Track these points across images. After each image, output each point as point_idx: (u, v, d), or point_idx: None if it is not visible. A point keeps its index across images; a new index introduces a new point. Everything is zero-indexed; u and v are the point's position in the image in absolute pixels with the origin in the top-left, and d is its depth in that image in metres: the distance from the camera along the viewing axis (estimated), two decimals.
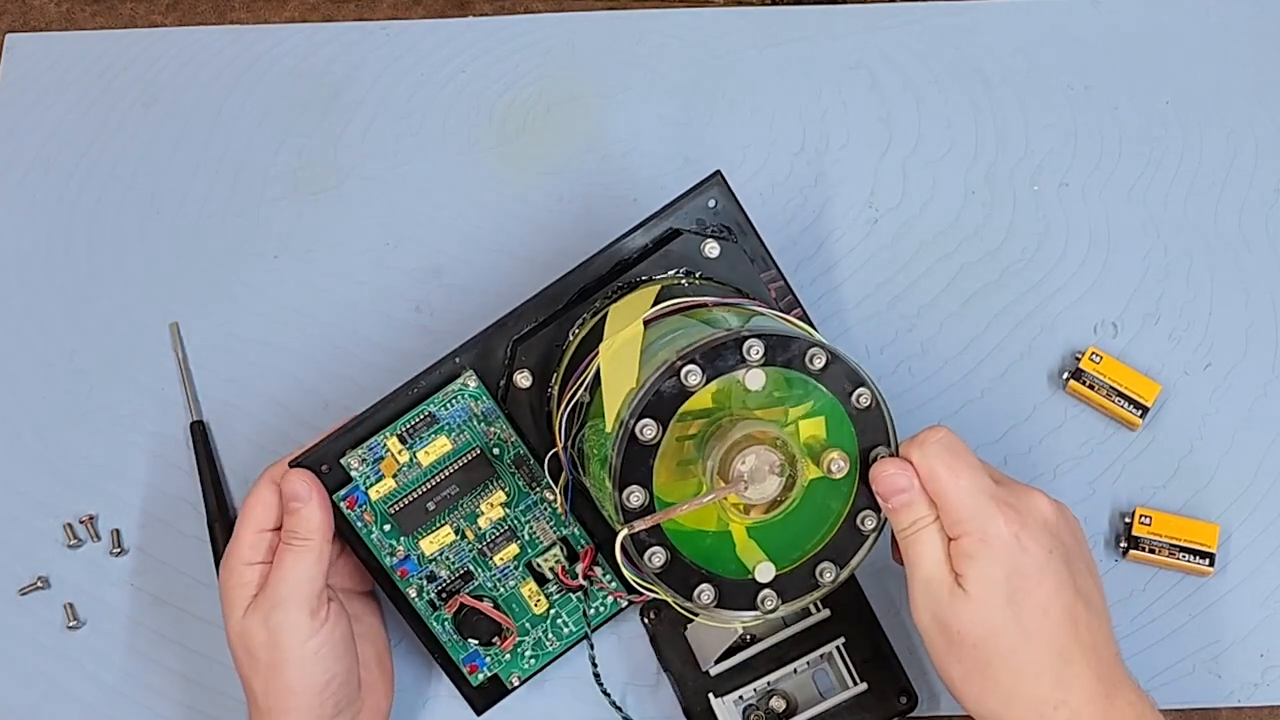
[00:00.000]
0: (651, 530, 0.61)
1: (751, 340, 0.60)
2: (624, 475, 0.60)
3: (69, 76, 0.87)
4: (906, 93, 0.86)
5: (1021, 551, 0.61)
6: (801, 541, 0.63)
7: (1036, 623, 0.61)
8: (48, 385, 0.81)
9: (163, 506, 0.78)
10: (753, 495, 0.61)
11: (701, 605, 0.61)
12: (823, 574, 0.63)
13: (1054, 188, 0.84)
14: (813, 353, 0.61)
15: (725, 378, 0.61)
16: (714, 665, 0.72)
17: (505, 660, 0.72)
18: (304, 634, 0.66)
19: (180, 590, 0.77)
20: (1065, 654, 0.62)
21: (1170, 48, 0.87)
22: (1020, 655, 0.61)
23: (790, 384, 0.62)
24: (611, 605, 0.73)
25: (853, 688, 0.72)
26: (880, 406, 0.63)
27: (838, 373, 0.62)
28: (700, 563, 0.62)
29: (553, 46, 0.87)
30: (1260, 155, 0.84)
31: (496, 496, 0.72)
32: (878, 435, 0.63)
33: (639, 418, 0.60)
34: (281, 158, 0.85)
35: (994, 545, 0.61)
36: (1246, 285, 0.81)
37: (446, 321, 0.81)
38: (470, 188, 0.84)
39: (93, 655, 0.76)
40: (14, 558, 0.77)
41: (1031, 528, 0.62)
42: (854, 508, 0.63)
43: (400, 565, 0.71)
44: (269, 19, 0.89)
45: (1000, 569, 0.61)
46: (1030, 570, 0.61)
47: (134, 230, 0.84)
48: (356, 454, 0.69)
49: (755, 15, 0.89)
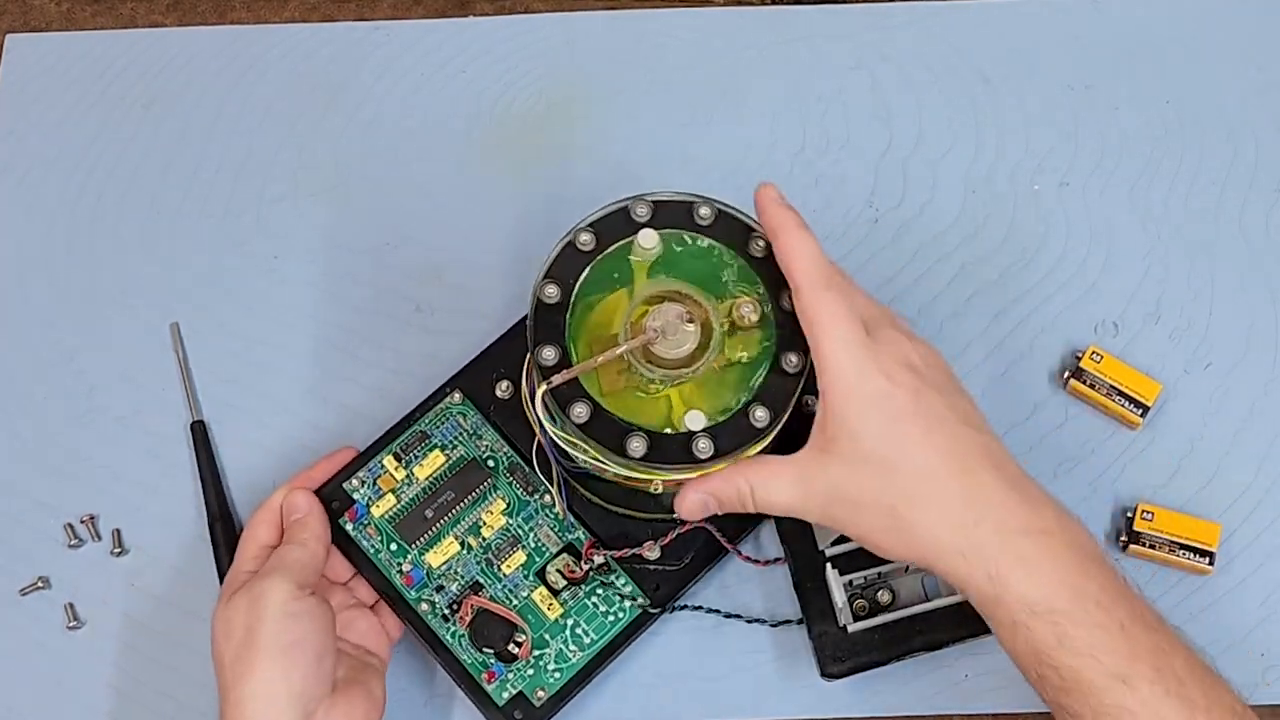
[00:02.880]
0: (578, 392, 0.64)
1: (638, 202, 0.66)
2: (536, 335, 0.64)
3: (69, 76, 0.87)
4: (906, 93, 0.86)
5: (887, 399, 0.62)
6: (734, 395, 0.65)
7: (924, 453, 0.62)
8: (48, 385, 0.81)
9: (163, 506, 0.78)
10: (669, 349, 0.64)
11: (633, 457, 0.63)
12: (757, 418, 0.64)
13: (1054, 188, 0.84)
14: (699, 207, 0.66)
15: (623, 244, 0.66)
16: (830, 546, 0.73)
17: (529, 676, 0.71)
18: (285, 596, 0.65)
19: (180, 590, 0.77)
20: (967, 470, 0.62)
21: (1170, 48, 0.87)
22: (922, 487, 0.61)
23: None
24: (630, 610, 0.73)
25: (959, 595, 0.71)
26: None
27: (728, 225, 0.66)
28: (628, 418, 0.64)
29: (553, 46, 0.88)
30: (1260, 155, 0.84)
31: (497, 505, 0.73)
32: (783, 282, 0.65)
33: (543, 281, 0.65)
34: (281, 158, 0.85)
35: (862, 399, 0.62)
36: (1246, 285, 0.82)
37: (446, 321, 0.81)
38: (470, 188, 0.84)
39: (93, 655, 0.76)
40: (14, 558, 0.77)
41: (896, 374, 0.62)
42: (777, 352, 0.65)
43: (408, 576, 0.72)
44: (269, 19, 0.89)
45: (874, 419, 0.61)
46: (904, 410, 0.62)
47: (134, 230, 0.84)
48: (357, 477, 0.74)
49: (755, 15, 0.89)
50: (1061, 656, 0.60)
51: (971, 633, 0.72)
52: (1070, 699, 0.61)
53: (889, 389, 0.62)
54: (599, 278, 0.67)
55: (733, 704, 0.74)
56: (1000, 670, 0.74)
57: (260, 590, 0.66)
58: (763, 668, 0.75)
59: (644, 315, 0.65)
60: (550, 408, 0.64)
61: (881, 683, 0.74)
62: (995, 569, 0.61)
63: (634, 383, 0.66)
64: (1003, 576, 0.61)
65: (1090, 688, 0.60)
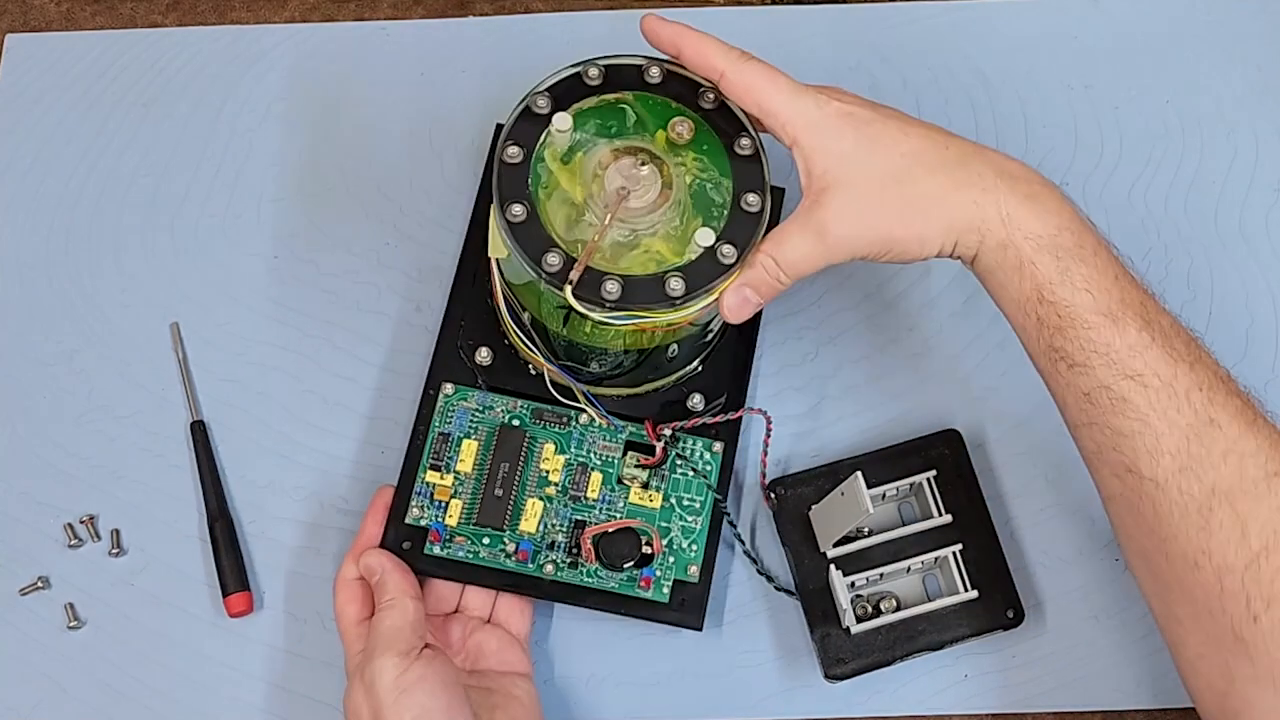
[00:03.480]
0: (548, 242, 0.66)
1: (590, 65, 0.69)
2: (503, 193, 0.66)
3: (69, 76, 0.87)
4: (906, 93, 0.86)
5: (850, 115, 0.65)
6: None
7: (906, 138, 0.65)
8: (48, 385, 0.81)
9: (163, 506, 0.78)
10: (639, 202, 0.66)
11: (609, 298, 0.64)
12: (724, 254, 0.66)
13: None
14: (649, 68, 0.69)
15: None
16: (832, 548, 0.73)
17: (671, 563, 0.73)
18: (394, 673, 0.66)
19: (180, 590, 0.77)
20: (952, 141, 0.66)
21: (1170, 48, 0.87)
22: (919, 163, 0.65)
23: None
24: (714, 457, 0.75)
25: (964, 593, 0.72)
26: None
27: (678, 84, 0.69)
28: (610, 269, 0.66)
29: (553, 46, 0.87)
30: (1260, 155, 0.84)
31: (548, 450, 0.75)
32: (734, 124, 0.68)
33: (505, 143, 0.67)
34: (281, 158, 0.85)
35: (829, 121, 0.65)
36: (1246, 285, 0.82)
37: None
38: (471, 187, 0.84)
39: (93, 655, 0.76)
40: (14, 558, 0.77)
41: (845, 97, 0.67)
42: (735, 194, 0.67)
43: (521, 552, 0.73)
44: (269, 19, 0.89)
45: (848, 133, 0.65)
46: (871, 117, 0.66)
47: (134, 230, 0.84)
48: (413, 505, 0.74)
49: (755, 15, 0.89)
50: (1061, 292, 0.64)
51: (972, 632, 0.72)
52: (1063, 339, 0.64)
53: (848, 108, 0.66)
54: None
55: (733, 704, 0.74)
56: (1000, 670, 0.74)
57: (371, 675, 0.66)
58: (763, 667, 0.75)
59: (599, 180, 0.67)
60: (585, 296, 0.65)
61: (882, 683, 0.74)
62: (1007, 209, 0.65)
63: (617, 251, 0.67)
64: (1014, 215, 0.65)
65: (1083, 324, 0.64)
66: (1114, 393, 0.63)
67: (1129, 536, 0.66)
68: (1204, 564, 0.61)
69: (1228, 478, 0.61)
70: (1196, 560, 0.62)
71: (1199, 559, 0.61)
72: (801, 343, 0.81)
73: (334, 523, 0.77)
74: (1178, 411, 0.62)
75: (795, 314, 0.81)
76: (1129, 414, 0.63)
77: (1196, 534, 0.61)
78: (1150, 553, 0.64)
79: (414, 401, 0.76)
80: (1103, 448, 0.64)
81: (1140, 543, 0.64)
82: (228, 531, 0.76)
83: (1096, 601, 0.75)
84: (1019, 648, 0.75)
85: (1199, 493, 0.61)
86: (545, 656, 0.76)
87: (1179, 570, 0.62)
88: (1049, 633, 0.75)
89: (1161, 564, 0.63)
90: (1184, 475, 0.62)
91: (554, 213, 0.67)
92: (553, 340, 0.72)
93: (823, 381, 0.80)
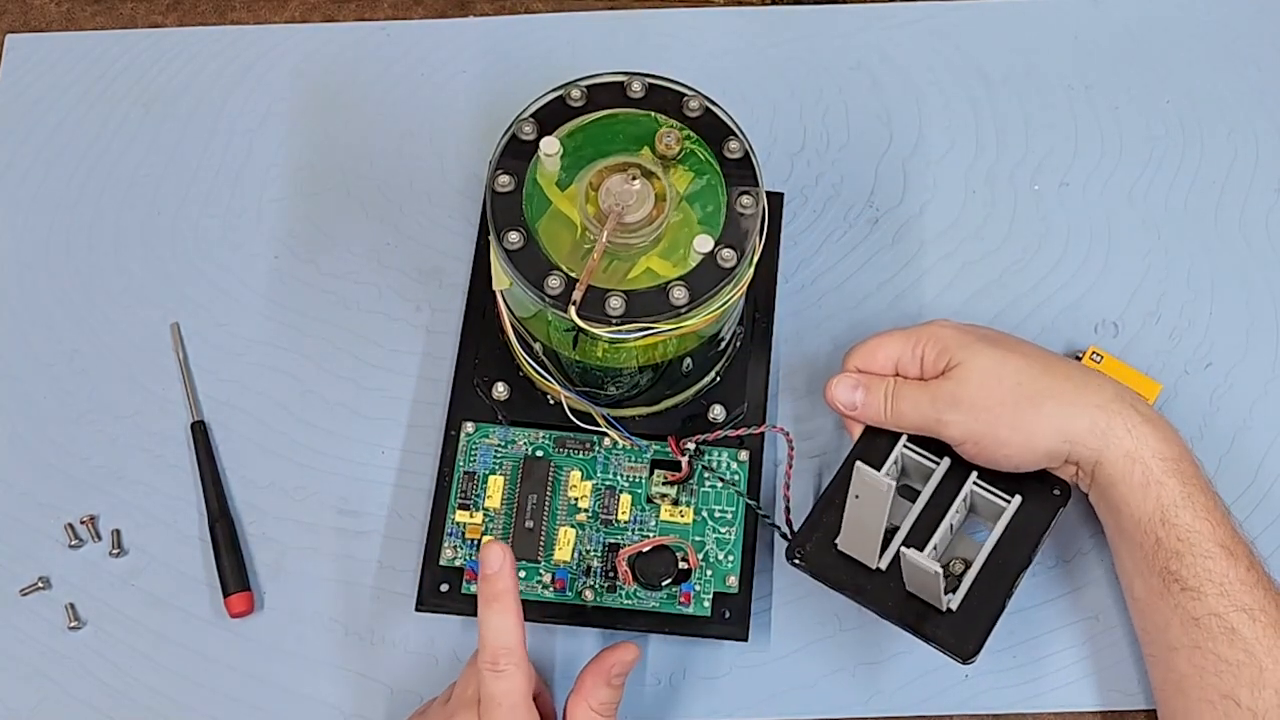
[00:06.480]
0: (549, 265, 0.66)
1: (572, 87, 0.69)
2: (498, 222, 0.67)
3: (69, 76, 0.87)
4: (906, 93, 0.86)
5: (984, 336, 0.70)
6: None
7: (1025, 361, 0.69)
8: (48, 385, 0.81)
9: (163, 506, 0.78)
10: (634, 217, 0.66)
11: (614, 314, 0.65)
12: (724, 258, 0.66)
13: (1054, 188, 0.84)
14: (631, 83, 0.70)
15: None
16: (880, 559, 0.71)
17: (709, 576, 0.73)
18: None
19: (180, 590, 0.77)
20: (1067, 364, 0.70)
21: (1170, 48, 0.87)
22: (1038, 382, 0.68)
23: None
24: (742, 467, 0.75)
25: (1009, 504, 0.71)
26: (707, 107, 0.70)
27: (661, 96, 0.70)
28: (612, 286, 0.66)
29: (553, 46, 0.88)
30: (1260, 155, 0.84)
31: (574, 477, 0.75)
32: (721, 129, 0.70)
33: (494, 173, 0.68)
34: (281, 158, 0.85)
35: (942, 340, 0.70)
36: (1246, 285, 0.82)
37: (446, 322, 0.81)
38: (471, 188, 0.84)
39: (93, 655, 0.76)
40: (14, 558, 0.77)
41: (953, 326, 0.72)
42: (729, 198, 0.68)
43: (558, 580, 0.73)
44: (269, 19, 0.89)
45: (977, 344, 0.69)
46: (997, 338, 0.71)
47: (134, 230, 0.84)
48: (445, 549, 0.74)
49: (755, 15, 0.89)
50: (1183, 515, 0.66)
51: (1044, 527, 0.71)
52: (1179, 563, 0.66)
53: (981, 330, 0.71)
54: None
55: (733, 704, 0.74)
56: (1000, 670, 0.74)
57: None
58: (763, 667, 0.75)
59: (592, 200, 0.67)
60: (589, 314, 0.65)
61: (882, 683, 0.74)
62: (1131, 424, 0.67)
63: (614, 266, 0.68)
64: (1139, 431, 0.67)
65: (1204, 553, 0.65)
66: (1225, 622, 0.65)
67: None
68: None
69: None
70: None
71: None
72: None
73: (334, 523, 0.77)
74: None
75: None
76: (1237, 644, 0.64)
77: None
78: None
79: (414, 401, 0.76)
80: (1204, 672, 0.65)
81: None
82: (228, 531, 0.76)
83: (1097, 601, 0.75)
84: (1018, 648, 0.75)
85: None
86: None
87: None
88: (1048, 633, 0.75)
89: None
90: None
91: (552, 237, 0.67)
92: (567, 367, 0.72)
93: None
